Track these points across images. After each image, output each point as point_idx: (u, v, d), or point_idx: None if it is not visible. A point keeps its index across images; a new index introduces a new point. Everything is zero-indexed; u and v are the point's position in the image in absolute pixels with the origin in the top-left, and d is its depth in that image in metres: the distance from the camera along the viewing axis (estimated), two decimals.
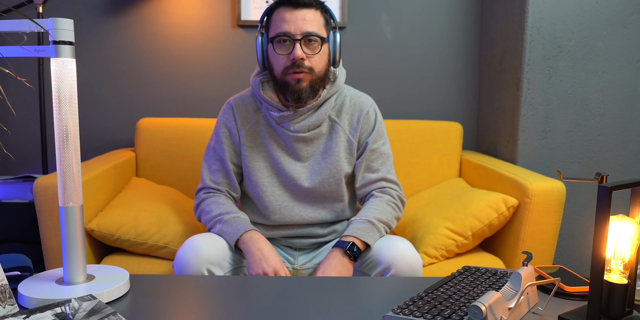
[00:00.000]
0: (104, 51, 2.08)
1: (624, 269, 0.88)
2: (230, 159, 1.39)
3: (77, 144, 0.96)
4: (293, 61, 1.25)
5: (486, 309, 0.75)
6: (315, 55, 1.27)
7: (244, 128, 1.37)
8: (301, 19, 1.25)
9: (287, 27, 1.24)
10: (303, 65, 1.25)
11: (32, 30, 0.90)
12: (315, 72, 1.28)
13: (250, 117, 1.38)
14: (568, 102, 1.81)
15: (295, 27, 1.24)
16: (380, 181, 1.38)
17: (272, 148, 1.36)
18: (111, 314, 0.81)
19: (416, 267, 1.22)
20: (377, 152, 1.39)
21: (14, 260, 1.05)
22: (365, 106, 1.39)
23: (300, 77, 1.26)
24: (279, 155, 1.35)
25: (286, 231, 1.39)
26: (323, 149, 1.36)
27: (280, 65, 1.28)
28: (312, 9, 1.26)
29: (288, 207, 1.37)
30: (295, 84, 1.27)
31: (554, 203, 1.48)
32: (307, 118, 1.33)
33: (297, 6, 1.25)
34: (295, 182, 1.35)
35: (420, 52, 2.14)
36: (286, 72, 1.27)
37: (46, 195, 1.40)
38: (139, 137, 1.91)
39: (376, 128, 1.39)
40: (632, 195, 0.88)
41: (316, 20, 1.27)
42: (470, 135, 2.20)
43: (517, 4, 1.81)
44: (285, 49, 1.27)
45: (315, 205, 1.38)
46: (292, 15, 1.25)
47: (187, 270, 1.20)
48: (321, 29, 1.28)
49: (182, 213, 1.63)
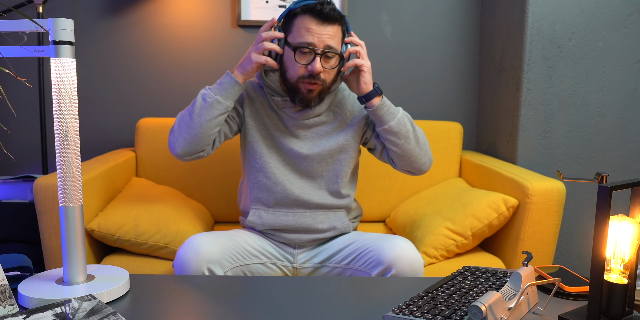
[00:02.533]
0: (104, 51, 2.08)
1: (624, 269, 0.88)
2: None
3: (77, 144, 0.96)
4: (311, 73, 1.28)
5: (486, 309, 0.75)
6: (331, 69, 1.31)
7: (249, 106, 1.41)
8: (325, 34, 1.26)
9: (312, 38, 1.26)
10: (319, 78, 1.29)
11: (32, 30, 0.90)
12: (326, 83, 1.33)
13: (254, 97, 1.42)
14: (568, 102, 1.81)
15: (319, 40, 1.26)
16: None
17: (273, 128, 1.40)
18: (111, 314, 0.81)
19: (417, 267, 1.22)
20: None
21: (14, 260, 1.05)
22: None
23: (313, 87, 1.31)
24: (279, 134, 1.40)
25: (287, 217, 1.39)
26: (322, 133, 1.40)
27: (295, 72, 1.31)
28: (337, 24, 1.28)
29: (290, 182, 1.39)
30: (307, 93, 1.31)
31: (554, 203, 1.48)
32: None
33: (325, 20, 1.26)
34: (294, 151, 1.39)
35: (420, 52, 2.14)
36: (300, 80, 1.30)
37: (46, 195, 1.40)
38: (139, 137, 1.91)
39: None
40: (632, 195, 0.88)
41: (337, 35, 1.29)
42: (470, 135, 2.20)
43: (517, 4, 1.81)
44: (305, 59, 1.29)
45: (314, 181, 1.41)
46: (319, 29, 1.26)
47: (187, 270, 1.21)
48: (339, 44, 1.31)
49: (182, 213, 1.63)
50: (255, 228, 1.43)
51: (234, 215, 1.91)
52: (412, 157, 1.36)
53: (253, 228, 1.44)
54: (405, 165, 1.38)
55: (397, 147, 1.34)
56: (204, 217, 1.76)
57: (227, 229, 1.48)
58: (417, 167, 1.39)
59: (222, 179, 1.90)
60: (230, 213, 1.92)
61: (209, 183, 1.91)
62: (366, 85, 1.31)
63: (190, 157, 1.33)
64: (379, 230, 1.85)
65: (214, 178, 1.90)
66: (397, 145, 1.34)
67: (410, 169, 1.40)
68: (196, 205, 1.81)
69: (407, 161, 1.37)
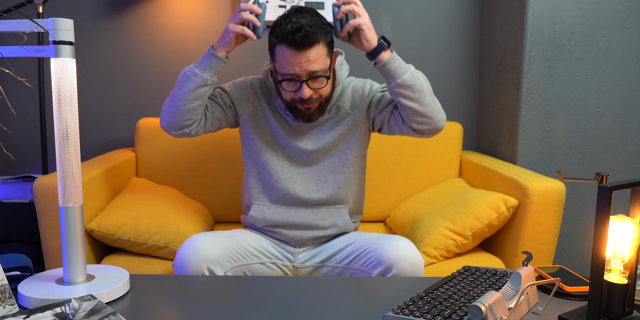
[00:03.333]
0: (104, 51, 2.08)
1: (624, 269, 0.88)
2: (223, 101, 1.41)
3: (77, 144, 0.96)
4: (300, 98, 1.29)
5: (486, 309, 0.75)
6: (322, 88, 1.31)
7: (254, 104, 1.42)
8: (305, 61, 1.23)
9: (293, 69, 1.25)
10: (311, 100, 1.30)
11: (32, 30, 0.90)
12: (323, 97, 1.33)
13: (260, 95, 1.43)
14: (568, 102, 1.81)
15: (300, 69, 1.24)
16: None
17: (276, 125, 1.41)
18: (111, 314, 0.81)
19: (418, 266, 1.22)
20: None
21: (14, 260, 1.05)
22: (361, 84, 1.44)
23: (310, 106, 1.32)
24: (283, 132, 1.40)
25: (289, 212, 1.39)
26: (326, 128, 1.41)
27: (288, 97, 1.32)
28: (315, 45, 1.23)
29: (292, 179, 1.40)
30: (305, 111, 1.33)
31: (554, 203, 1.48)
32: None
33: (301, 48, 1.22)
34: (299, 147, 1.39)
35: (420, 52, 2.14)
36: (294, 102, 1.32)
37: (46, 195, 1.40)
38: (139, 137, 1.91)
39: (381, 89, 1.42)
40: (632, 195, 0.88)
41: (320, 55, 1.24)
42: (470, 135, 2.20)
43: (517, 4, 1.81)
44: (293, 86, 1.30)
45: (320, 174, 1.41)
46: (296, 59, 1.23)
47: (187, 270, 1.21)
48: (325, 61, 1.27)
49: (182, 213, 1.63)
50: (256, 225, 1.43)
51: (234, 215, 1.91)
52: (430, 112, 1.29)
53: (254, 225, 1.44)
54: (423, 122, 1.30)
55: (413, 102, 1.27)
56: (204, 217, 1.76)
57: (227, 229, 1.48)
58: (435, 124, 1.31)
59: (222, 179, 1.90)
60: (230, 213, 1.92)
61: (209, 183, 1.91)
62: (369, 42, 1.25)
63: (177, 132, 1.34)
64: (379, 230, 1.85)
65: (214, 178, 1.90)
66: (413, 99, 1.27)
67: (427, 126, 1.31)
68: (196, 205, 1.81)
69: (425, 117, 1.29)
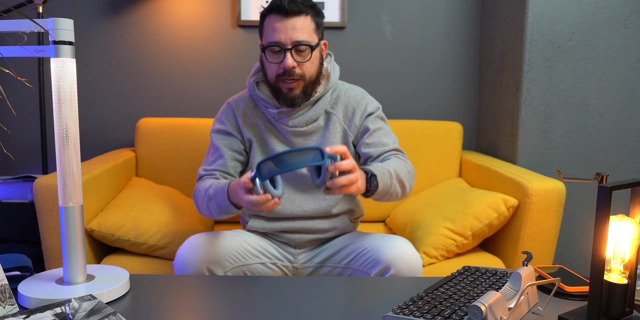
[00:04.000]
0: (104, 51, 2.08)
1: (624, 269, 0.88)
2: (229, 146, 1.40)
3: (77, 144, 0.96)
4: (284, 69, 1.28)
5: (486, 309, 0.75)
6: (306, 62, 1.30)
7: (245, 125, 1.40)
8: (291, 28, 1.25)
9: (278, 36, 1.25)
10: (294, 73, 1.29)
11: (32, 30, 0.90)
12: (307, 78, 1.31)
13: (250, 115, 1.41)
14: (568, 102, 1.81)
15: (285, 37, 1.25)
16: (393, 151, 1.39)
17: (273, 142, 1.39)
18: (111, 314, 0.81)
19: (416, 267, 1.22)
20: (382, 129, 1.41)
21: (14, 260, 1.05)
22: (360, 97, 1.42)
23: (293, 86, 1.30)
24: (278, 149, 1.38)
25: (287, 224, 1.39)
26: (320, 141, 1.39)
27: (272, 72, 1.31)
28: (302, 15, 1.27)
29: (289, 199, 1.38)
30: (288, 92, 1.31)
31: (554, 203, 1.48)
32: (305, 113, 1.37)
33: (287, 14, 1.25)
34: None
35: (420, 52, 2.14)
36: (278, 79, 1.30)
37: (46, 195, 1.40)
38: (139, 137, 1.91)
39: (376, 113, 1.42)
40: (632, 195, 0.88)
41: (306, 27, 1.27)
42: (470, 135, 2.20)
43: (517, 4, 1.81)
44: (277, 57, 1.29)
45: (316, 195, 1.39)
46: (282, 24, 1.25)
47: (187, 270, 1.20)
48: (311, 35, 1.29)
49: (182, 213, 1.62)
50: (257, 230, 1.43)
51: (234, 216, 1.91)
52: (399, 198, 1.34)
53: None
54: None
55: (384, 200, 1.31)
56: (204, 217, 1.76)
57: (227, 229, 1.48)
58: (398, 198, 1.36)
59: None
60: None
61: None
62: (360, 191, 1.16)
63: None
64: (379, 230, 1.85)
65: None
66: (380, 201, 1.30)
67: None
68: None
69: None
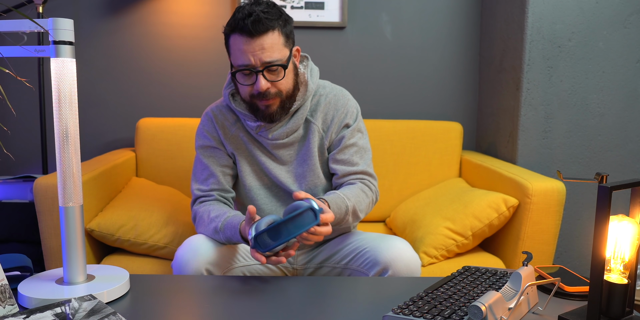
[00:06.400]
0: (104, 51, 2.08)
1: (624, 269, 0.88)
2: (218, 162, 1.36)
3: (77, 144, 0.96)
4: (258, 92, 1.22)
5: (486, 309, 0.75)
6: (281, 80, 1.23)
7: (227, 138, 1.35)
8: (259, 49, 1.17)
9: (247, 58, 1.18)
10: (269, 94, 1.22)
11: (32, 30, 0.90)
12: (284, 94, 1.25)
13: (230, 125, 1.36)
14: (568, 102, 1.81)
15: (255, 58, 1.18)
16: (361, 174, 1.36)
17: (256, 153, 1.35)
18: (111, 314, 0.81)
19: (414, 268, 1.21)
20: (355, 146, 1.36)
21: (14, 260, 1.05)
22: (340, 105, 1.36)
23: (269, 102, 1.23)
24: (264, 160, 1.35)
25: None
26: (302, 151, 1.35)
27: (246, 93, 1.25)
28: (269, 32, 1.17)
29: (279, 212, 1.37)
30: (265, 109, 1.25)
31: (554, 203, 1.48)
32: (284, 125, 1.31)
33: (254, 35, 1.16)
34: (284, 185, 1.35)
35: (420, 52, 2.14)
36: (253, 98, 1.24)
37: (46, 195, 1.40)
38: (139, 137, 1.91)
39: (354, 124, 1.36)
40: (632, 195, 0.88)
41: (275, 44, 1.19)
42: (470, 135, 2.20)
43: (517, 4, 1.81)
44: (249, 79, 1.22)
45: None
46: (250, 46, 1.17)
47: (186, 270, 1.20)
48: (282, 50, 1.20)
49: (182, 213, 1.63)
50: None
51: None
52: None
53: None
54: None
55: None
56: None
57: None
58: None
59: None
60: None
61: None
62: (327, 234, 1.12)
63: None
64: (379, 230, 1.85)
65: None
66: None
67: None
68: None
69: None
